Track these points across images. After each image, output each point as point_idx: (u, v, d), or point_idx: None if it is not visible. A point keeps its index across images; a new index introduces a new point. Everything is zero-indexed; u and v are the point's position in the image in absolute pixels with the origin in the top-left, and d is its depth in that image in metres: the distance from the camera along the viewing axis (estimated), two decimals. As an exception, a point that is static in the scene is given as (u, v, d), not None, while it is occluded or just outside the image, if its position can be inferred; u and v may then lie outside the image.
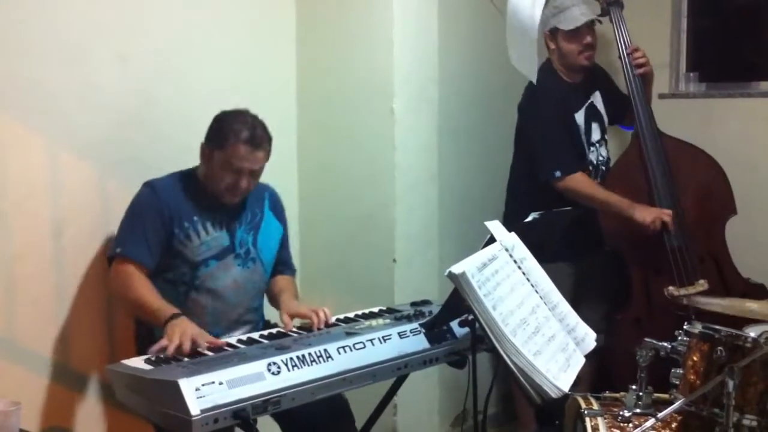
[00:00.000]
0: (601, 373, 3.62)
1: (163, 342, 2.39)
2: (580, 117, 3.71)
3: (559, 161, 3.58)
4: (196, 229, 2.76)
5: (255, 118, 2.78)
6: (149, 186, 2.78)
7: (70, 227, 2.82)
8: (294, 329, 2.65)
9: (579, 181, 3.59)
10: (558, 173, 3.56)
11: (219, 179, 2.75)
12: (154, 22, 3.06)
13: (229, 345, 2.48)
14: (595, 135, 3.76)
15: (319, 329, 2.63)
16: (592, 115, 3.77)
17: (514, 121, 3.78)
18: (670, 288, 3.54)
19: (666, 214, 3.53)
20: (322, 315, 2.69)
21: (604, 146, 3.81)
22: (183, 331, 2.42)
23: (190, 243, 2.75)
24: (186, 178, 2.84)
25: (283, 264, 3.05)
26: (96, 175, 2.90)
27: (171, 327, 2.46)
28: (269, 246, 2.95)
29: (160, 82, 3.09)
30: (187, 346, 2.37)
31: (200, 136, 2.80)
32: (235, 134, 2.70)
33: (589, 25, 3.65)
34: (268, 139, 2.78)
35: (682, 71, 4.33)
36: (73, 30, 2.80)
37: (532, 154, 3.66)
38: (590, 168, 3.72)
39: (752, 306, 2.57)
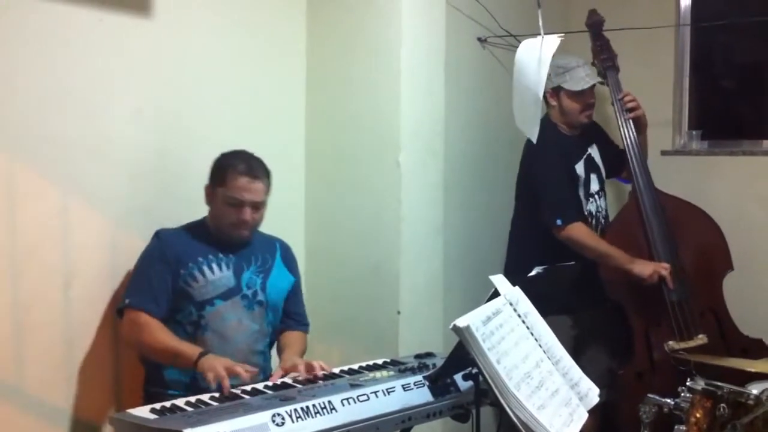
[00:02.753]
0: (604, 428, 3.61)
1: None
2: (580, 168, 3.76)
3: (561, 209, 3.61)
4: (201, 269, 2.84)
5: (251, 154, 2.91)
6: (156, 235, 2.89)
7: (81, 277, 2.85)
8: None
9: (580, 231, 3.61)
10: (559, 221, 3.57)
11: (223, 215, 2.87)
12: (168, 77, 3.13)
13: (233, 395, 2.48)
14: (594, 186, 3.81)
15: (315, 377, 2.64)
16: (591, 166, 3.82)
17: (519, 174, 3.82)
18: (670, 342, 3.57)
19: (664, 268, 3.57)
20: (316, 367, 2.68)
21: (603, 198, 3.87)
22: (219, 367, 2.52)
23: (196, 283, 2.82)
24: (195, 225, 2.97)
25: (295, 318, 3.08)
26: (107, 227, 2.94)
27: (211, 367, 2.54)
28: (278, 290, 2.99)
29: (173, 136, 3.15)
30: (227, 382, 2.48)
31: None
32: (233, 168, 2.85)
33: (592, 87, 3.72)
34: (266, 171, 2.90)
35: (684, 129, 4.38)
36: (88, 84, 2.87)
37: (534, 202, 3.68)
38: (589, 219, 3.76)
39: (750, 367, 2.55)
